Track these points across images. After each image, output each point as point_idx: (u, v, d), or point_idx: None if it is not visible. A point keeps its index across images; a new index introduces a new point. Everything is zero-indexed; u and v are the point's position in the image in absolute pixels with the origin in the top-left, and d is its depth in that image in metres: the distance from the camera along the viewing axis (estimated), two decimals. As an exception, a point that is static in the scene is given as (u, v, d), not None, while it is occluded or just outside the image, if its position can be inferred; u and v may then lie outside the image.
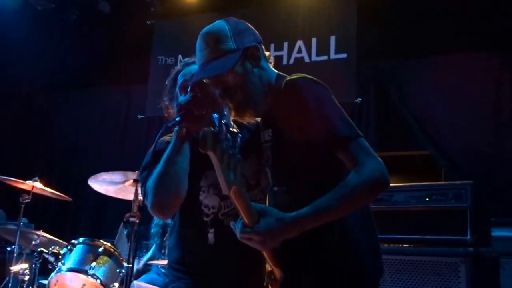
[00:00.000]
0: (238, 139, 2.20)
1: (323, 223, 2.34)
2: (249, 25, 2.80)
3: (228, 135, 2.17)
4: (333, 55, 7.95)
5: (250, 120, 2.79)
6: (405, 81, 7.71)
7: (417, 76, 7.66)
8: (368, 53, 7.89)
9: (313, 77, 2.61)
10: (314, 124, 2.46)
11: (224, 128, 2.15)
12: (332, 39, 8.00)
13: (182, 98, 2.88)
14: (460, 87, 7.30)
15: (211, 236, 3.06)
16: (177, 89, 3.23)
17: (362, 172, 2.34)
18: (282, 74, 2.77)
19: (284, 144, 2.60)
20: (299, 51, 8.20)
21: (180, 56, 8.93)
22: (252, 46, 2.68)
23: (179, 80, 3.21)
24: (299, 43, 8.22)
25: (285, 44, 8.30)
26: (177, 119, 2.75)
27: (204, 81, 2.74)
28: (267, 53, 2.81)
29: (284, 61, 8.20)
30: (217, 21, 2.74)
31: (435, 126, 7.41)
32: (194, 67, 2.92)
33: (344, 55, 7.86)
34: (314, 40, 8.14)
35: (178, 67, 3.29)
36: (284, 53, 8.25)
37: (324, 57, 8.02)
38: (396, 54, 7.81)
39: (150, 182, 2.87)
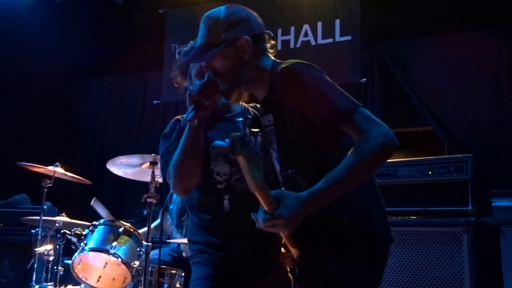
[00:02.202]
0: (259, 138, 2.27)
1: (339, 195, 2.41)
2: (251, 15, 2.89)
3: (251, 136, 2.25)
4: (338, 38, 8.08)
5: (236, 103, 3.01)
6: (408, 60, 7.84)
7: (420, 55, 7.80)
8: (372, 34, 8.04)
9: (304, 61, 2.67)
10: (316, 105, 2.52)
11: (247, 130, 2.24)
12: (337, 22, 8.12)
13: (191, 88, 2.96)
14: (461, 65, 7.44)
15: (226, 202, 3.20)
16: (191, 70, 3.39)
17: (367, 139, 2.38)
18: (278, 61, 2.83)
19: (288, 127, 2.66)
20: (306, 34, 8.34)
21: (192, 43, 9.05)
22: (241, 39, 2.76)
23: (192, 68, 3.38)
24: (305, 27, 8.35)
25: (292, 29, 8.44)
26: (190, 114, 2.85)
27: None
28: (271, 43, 2.91)
29: (292, 45, 8.35)
30: (219, 7, 2.85)
31: (438, 103, 7.54)
32: None
33: (348, 37, 7.99)
34: (319, 24, 8.27)
35: (189, 47, 3.35)
36: (291, 37, 8.39)
37: (330, 40, 8.15)
38: (398, 35, 7.96)
39: (171, 167, 3.12)
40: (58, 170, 6.10)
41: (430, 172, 5.39)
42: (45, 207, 6.15)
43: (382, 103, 7.90)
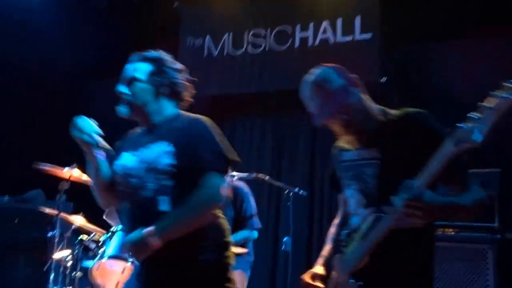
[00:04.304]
0: None
1: (444, 217, 2.78)
2: None
3: None
4: (358, 36, 7.90)
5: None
6: (428, 62, 7.73)
7: (439, 57, 7.68)
8: (392, 33, 7.92)
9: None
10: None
11: None
12: (357, 19, 7.93)
13: None
14: (482, 69, 7.31)
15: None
16: None
17: (476, 192, 2.83)
18: (382, 107, 3.12)
19: (395, 164, 2.87)
20: (324, 31, 8.14)
21: (208, 36, 8.98)
22: (353, 76, 3.06)
23: None
24: (325, 23, 8.13)
25: (311, 25, 8.22)
26: None
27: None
28: None
29: (310, 42, 8.17)
30: (317, 71, 3.07)
31: (458, 108, 7.44)
32: None
33: (369, 35, 7.82)
34: (339, 20, 8.09)
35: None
36: (309, 34, 8.17)
37: (349, 38, 7.97)
38: (418, 36, 7.82)
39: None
40: (74, 173, 6.02)
41: (456, 187, 5.32)
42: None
43: (398, 105, 7.76)
